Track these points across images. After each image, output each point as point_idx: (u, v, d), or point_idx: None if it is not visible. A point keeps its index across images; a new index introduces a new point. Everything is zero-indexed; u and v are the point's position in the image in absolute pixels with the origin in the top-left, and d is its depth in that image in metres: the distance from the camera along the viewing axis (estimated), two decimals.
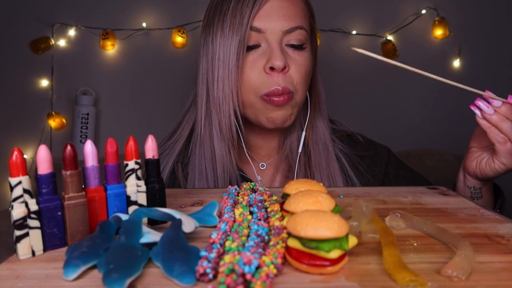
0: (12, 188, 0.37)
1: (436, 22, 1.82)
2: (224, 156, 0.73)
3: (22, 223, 0.37)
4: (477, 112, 0.59)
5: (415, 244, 0.39)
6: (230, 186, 0.57)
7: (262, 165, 0.81)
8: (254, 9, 0.68)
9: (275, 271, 0.32)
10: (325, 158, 0.77)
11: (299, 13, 0.71)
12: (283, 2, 0.69)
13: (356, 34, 1.87)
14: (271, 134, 0.80)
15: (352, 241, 0.35)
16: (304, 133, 0.77)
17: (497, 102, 0.57)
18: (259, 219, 0.44)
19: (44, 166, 0.38)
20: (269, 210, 0.46)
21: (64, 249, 0.38)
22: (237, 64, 0.69)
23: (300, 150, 0.77)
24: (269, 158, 0.81)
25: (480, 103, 0.59)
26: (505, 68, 1.86)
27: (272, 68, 0.68)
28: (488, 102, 0.59)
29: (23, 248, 0.37)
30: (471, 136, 0.68)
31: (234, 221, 0.43)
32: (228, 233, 0.40)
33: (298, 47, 0.71)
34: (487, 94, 0.57)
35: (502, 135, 0.58)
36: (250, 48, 0.70)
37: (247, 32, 0.68)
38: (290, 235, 0.36)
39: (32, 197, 0.38)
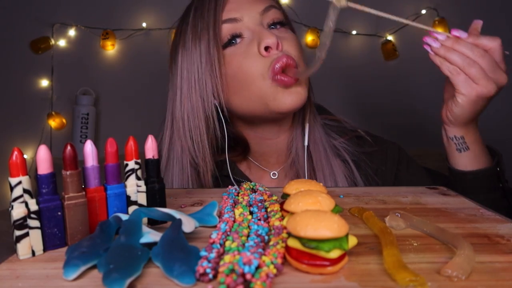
0: (12, 188, 0.37)
1: (436, 22, 1.82)
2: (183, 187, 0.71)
3: (22, 223, 0.37)
4: (428, 49, 0.64)
5: (415, 244, 0.39)
6: (230, 186, 0.57)
7: (274, 174, 0.78)
8: (218, 7, 0.67)
9: (275, 271, 0.32)
10: (325, 156, 0.75)
11: None
12: None
13: (356, 34, 1.87)
14: (279, 139, 0.76)
15: (352, 241, 0.35)
16: (307, 124, 0.74)
17: (442, 36, 0.62)
18: (259, 219, 0.44)
19: (44, 166, 0.38)
20: (269, 210, 0.46)
21: (64, 249, 0.38)
22: (208, 67, 0.67)
23: (306, 143, 0.74)
24: (279, 166, 0.78)
25: (427, 39, 0.64)
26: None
27: (267, 48, 0.66)
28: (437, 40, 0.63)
29: (23, 248, 0.37)
30: (443, 91, 0.69)
31: (234, 221, 0.43)
32: (228, 233, 0.40)
33: (279, 26, 0.70)
34: (433, 30, 0.63)
35: (453, 66, 0.61)
36: (233, 43, 0.68)
37: (216, 29, 0.67)
38: (290, 235, 0.36)
39: (32, 197, 0.38)
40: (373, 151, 0.79)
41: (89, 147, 0.41)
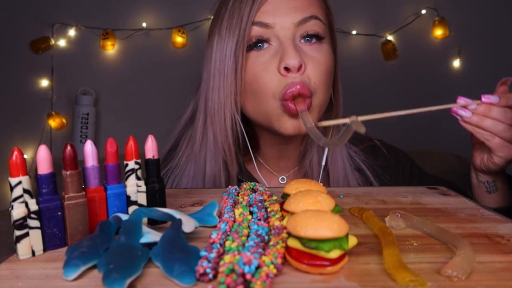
0: (12, 188, 0.37)
1: (436, 22, 1.82)
2: (216, 176, 0.69)
3: (22, 223, 0.37)
4: (458, 117, 0.61)
5: (415, 244, 0.39)
6: (230, 186, 0.57)
7: (283, 179, 0.77)
8: (254, 5, 0.63)
9: (275, 271, 0.32)
10: (343, 173, 0.73)
11: (312, 3, 0.65)
12: None
13: (356, 34, 1.88)
14: (290, 145, 0.75)
15: (352, 241, 0.35)
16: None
17: (472, 105, 0.59)
18: (259, 219, 0.44)
19: (44, 166, 0.38)
20: (269, 210, 0.46)
21: (64, 249, 0.38)
22: (234, 67, 0.64)
23: (323, 163, 0.70)
24: (289, 171, 0.77)
25: (457, 109, 0.61)
26: (505, 68, 1.86)
27: (286, 69, 0.62)
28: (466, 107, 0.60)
29: (23, 248, 0.37)
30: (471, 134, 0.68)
31: (234, 221, 0.43)
32: (228, 233, 0.40)
33: (315, 40, 0.65)
34: (460, 102, 0.59)
35: (488, 133, 0.59)
36: (259, 47, 0.64)
37: (246, 30, 0.63)
38: (290, 235, 0.36)
39: (32, 197, 0.38)
40: (388, 164, 0.79)
41: (89, 147, 0.41)
